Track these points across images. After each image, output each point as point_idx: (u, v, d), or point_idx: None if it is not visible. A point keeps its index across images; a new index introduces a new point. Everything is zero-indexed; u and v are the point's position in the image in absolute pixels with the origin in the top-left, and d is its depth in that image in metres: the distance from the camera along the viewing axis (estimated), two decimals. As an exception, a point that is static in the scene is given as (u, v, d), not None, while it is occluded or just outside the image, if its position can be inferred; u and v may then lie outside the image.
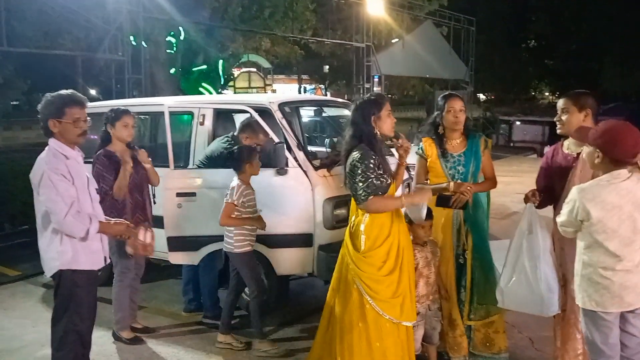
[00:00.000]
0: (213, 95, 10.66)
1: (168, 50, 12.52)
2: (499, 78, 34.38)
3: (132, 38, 10.43)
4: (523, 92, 40.18)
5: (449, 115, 3.75)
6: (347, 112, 4.16)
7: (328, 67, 33.81)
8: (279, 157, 4.32)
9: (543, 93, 44.85)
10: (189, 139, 5.05)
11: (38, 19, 10.36)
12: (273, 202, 4.38)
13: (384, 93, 6.79)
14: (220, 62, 13.96)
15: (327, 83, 37.93)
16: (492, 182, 3.87)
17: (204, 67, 13.43)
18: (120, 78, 10.27)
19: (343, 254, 3.42)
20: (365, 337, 3.25)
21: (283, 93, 25.20)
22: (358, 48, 16.29)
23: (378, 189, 3.21)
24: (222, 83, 14.56)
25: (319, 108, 6.36)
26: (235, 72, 19.79)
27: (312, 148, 5.85)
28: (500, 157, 16.26)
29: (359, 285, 3.25)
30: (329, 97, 26.51)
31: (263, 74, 24.02)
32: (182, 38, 12.67)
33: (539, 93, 44.78)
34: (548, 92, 43.02)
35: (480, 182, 3.84)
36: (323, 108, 6.43)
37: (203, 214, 4.53)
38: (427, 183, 3.89)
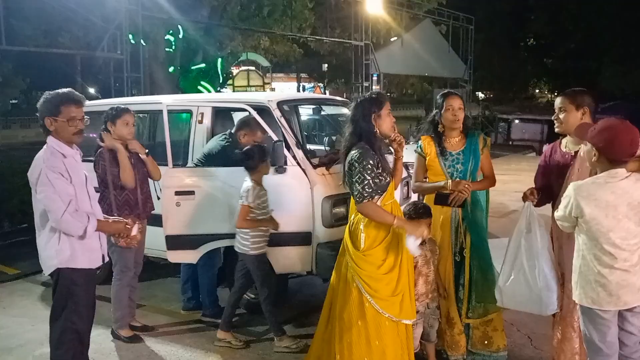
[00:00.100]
0: (212, 94, 10.64)
1: (167, 49, 12.53)
2: (498, 76, 34.44)
3: (131, 36, 10.43)
4: (522, 90, 40.23)
5: (448, 114, 3.75)
6: (346, 110, 4.15)
7: (327, 65, 33.75)
8: (278, 155, 4.31)
9: (542, 91, 44.87)
10: (188, 138, 5.05)
11: (37, 18, 10.37)
12: (272, 200, 4.37)
13: (383, 91, 6.80)
14: (219, 60, 13.98)
15: (325, 81, 37.90)
16: (490, 180, 3.85)
17: (203, 65, 13.44)
18: (119, 76, 10.27)
19: (342, 252, 3.42)
20: (365, 335, 3.25)
21: (282, 91, 25.16)
22: (357, 46, 16.30)
23: (378, 188, 3.20)
24: (220, 81, 14.58)
25: (318, 106, 6.34)
26: (234, 70, 19.80)
27: (311, 146, 5.85)
28: (499, 155, 16.26)
29: (359, 284, 3.25)
30: (328, 95, 26.48)
31: (262, 73, 24.00)
32: (181, 37, 12.68)
33: (538, 91, 44.80)
34: (547, 90, 43.03)
35: (479, 180, 3.83)
36: (322, 106, 6.41)
37: (202, 213, 4.53)
38: (425, 181, 3.89)
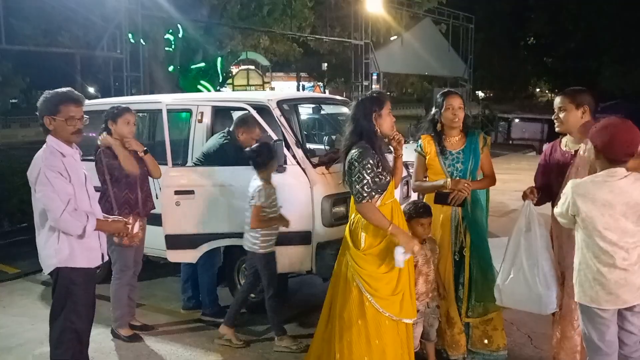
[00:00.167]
0: (211, 93, 10.64)
1: (166, 48, 12.52)
2: (498, 76, 34.40)
3: (130, 36, 10.42)
4: (522, 89, 40.20)
5: (448, 113, 3.74)
6: (345, 109, 4.14)
7: (326, 64, 33.78)
8: (278, 154, 4.31)
9: (542, 91, 44.86)
10: (187, 137, 5.05)
11: (37, 17, 10.37)
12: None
13: (384, 91, 6.80)
14: (219, 59, 13.98)
15: (325, 81, 37.90)
16: (490, 179, 3.85)
17: (203, 64, 13.44)
18: (119, 76, 10.26)
19: (342, 252, 3.42)
20: (365, 334, 3.25)
21: (281, 90, 25.19)
22: (357, 45, 16.28)
23: (378, 187, 3.19)
24: (220, 81, 14.57)
25: (318, 105, 6.34)
26: (234, 69, 19.81)
27: (310, 145, 5.85)
28: (499, 154, 16.27)
29: (359, 283, 3.25)
30: (328, 94, 26.51)
31: (261, 72, 24.04)
32: (180, 36, 12.68)
33: (538, 91, 44.80)
34: (547, 89, 43.02)
35: (479, 179, 3.82)
36: (321, 106, 6.41)
37: (201, 212, 4.53)
38: (425, 180, 3.89)
